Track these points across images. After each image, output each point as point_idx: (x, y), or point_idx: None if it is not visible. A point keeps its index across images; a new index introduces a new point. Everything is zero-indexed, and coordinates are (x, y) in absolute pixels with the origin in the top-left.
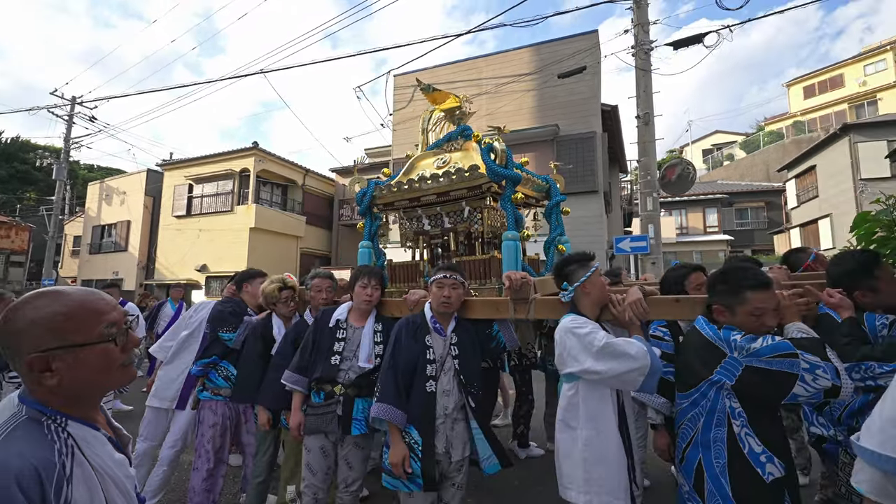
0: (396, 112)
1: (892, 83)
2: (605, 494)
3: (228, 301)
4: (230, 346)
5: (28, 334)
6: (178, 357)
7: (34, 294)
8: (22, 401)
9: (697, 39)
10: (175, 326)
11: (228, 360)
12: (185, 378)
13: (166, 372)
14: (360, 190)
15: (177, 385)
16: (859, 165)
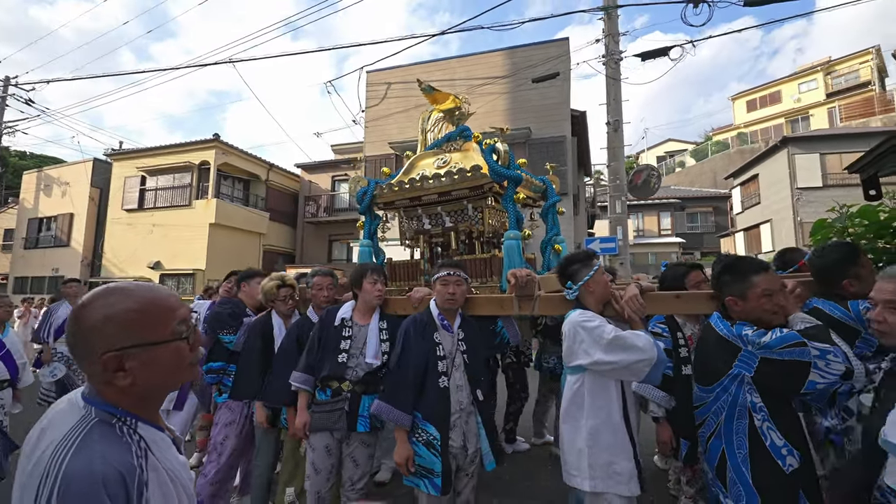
0: (369, 109)
1: (821, 101)
2: (609, 479)
3: (227, 302)
4: (230, 348)
5: (102, 332)
6: None
7: (104, 290)
8: (88, 401)
9: (664, 52)
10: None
11: (234, 363)
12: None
13: None
14: (361, 189)
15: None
16: (796, 175)
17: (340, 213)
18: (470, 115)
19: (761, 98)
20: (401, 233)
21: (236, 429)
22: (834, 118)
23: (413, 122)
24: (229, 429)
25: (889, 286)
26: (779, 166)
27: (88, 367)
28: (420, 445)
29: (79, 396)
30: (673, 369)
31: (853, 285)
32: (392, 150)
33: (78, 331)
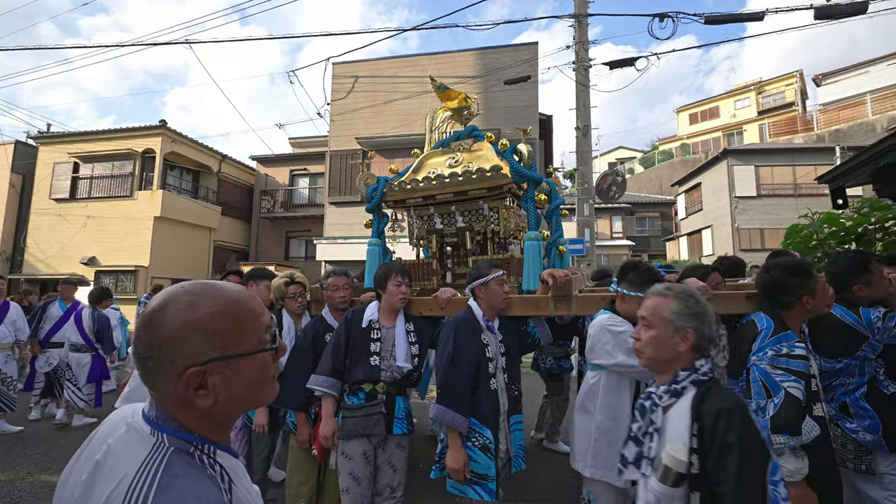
0: (335, 102)
1: (753, 118)
2: (607, 470)
3: None
4: None
5: (184, 342)
6: None
7: (180, 291)
8: (157, 426)
9: (630, 62)
10: None
11: None
12: None
13: None
14: (371, 186)
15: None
16: (734, 185)
17: (299, 209)
18: (478, 114)
19: (702, 112)
20: (410, 232)
21: (241, 435)
22: (764, 134)
23: (381, 118)
24: (235, 433)
25: (646, 302)
26: (719, 176)
27: (163, 385)
28: (476, 450)
29: (140, 420)
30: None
31: (863, 290)
32: (359, 146)
33: (154, 340)
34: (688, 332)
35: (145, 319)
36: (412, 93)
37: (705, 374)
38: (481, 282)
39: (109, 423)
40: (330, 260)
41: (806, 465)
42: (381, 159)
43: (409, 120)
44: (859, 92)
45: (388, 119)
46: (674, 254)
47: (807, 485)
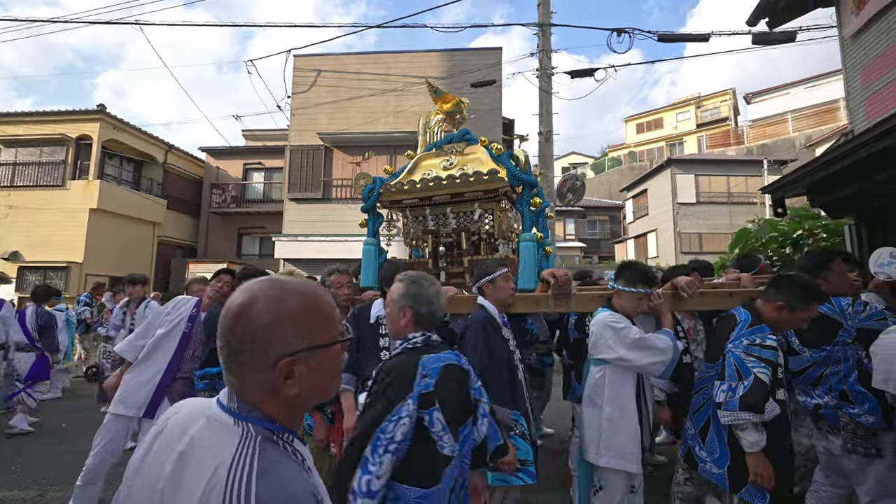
0: (296, 95)
1: (693, 130)
2: (619, 458)
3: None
4: None
5: (279, 334)
6: (151, 358)
7: (265, 285)
8: (240, 417)
9: (590, 72)
10: (148, 323)
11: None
12: (158, 382)
13: (135, 374)
14: (367, 186)
15: (147, 390)
16: (677, 192)
17: (252, 205)
18: (470, 118)
19: (648, 123)
20: (404, 232)
21: None
22: (702, 145)
23: (344, 114)
24: None
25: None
26: (664, 183)
27: (252, 376)
28: (518, 439)
29: (219, 411)
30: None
31: (823, 285)
32: (321, 141)
33: (248, 333)
34: (406, 309)
35: (235, 314)
36: (377, 90)
37: (414, 342)
38: (489, 279)
39: (182, 416)
40: (289, 258)
41: (764, 438)
42: (344, 156)
43: (373, 117)
44: (782, 111)
45: (352, 116)
46: (622, 255)
47: (764, 455)
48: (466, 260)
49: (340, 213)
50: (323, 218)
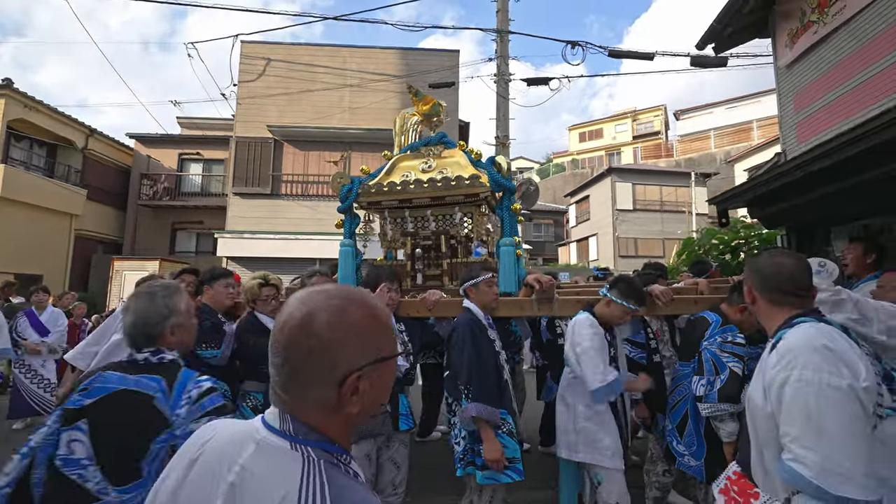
0: (243, 84)
1: (629, 141)
2: (595, 452)
3: (201, 311)
4: (213, 363)
5: (346, 347)
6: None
7: (323, 295)
8: (296, 440)
9: (545, 81)
10: (102, 328)
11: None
12: None
13: None
14: (344, 186)
15: None
16: (616, 199)
17: (189, 198)
18: (447, 121)
19: (590, 132)
20: (382, 234)
21: None
22: (637, 156)
23: (296, 107)
24: None
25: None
26: (604, 190)
27: (314, 394)
28: (505, 437)
29: (269, 434)
30: (646, 359)
31: None
32: (270, 134)
33: (314, 347)
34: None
35: (298, 328)
36: (331, 84)
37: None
38: (472, 283)
39: (221, 442)
40: (234, 256)
41: (738, 427)
42: (295, 150)
43: (327, 112)
44: (706, 128)
45: (304, 109)
46: (565, 258)
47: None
48: (445, 263)
49: (291, 209)
50: (272, 214)
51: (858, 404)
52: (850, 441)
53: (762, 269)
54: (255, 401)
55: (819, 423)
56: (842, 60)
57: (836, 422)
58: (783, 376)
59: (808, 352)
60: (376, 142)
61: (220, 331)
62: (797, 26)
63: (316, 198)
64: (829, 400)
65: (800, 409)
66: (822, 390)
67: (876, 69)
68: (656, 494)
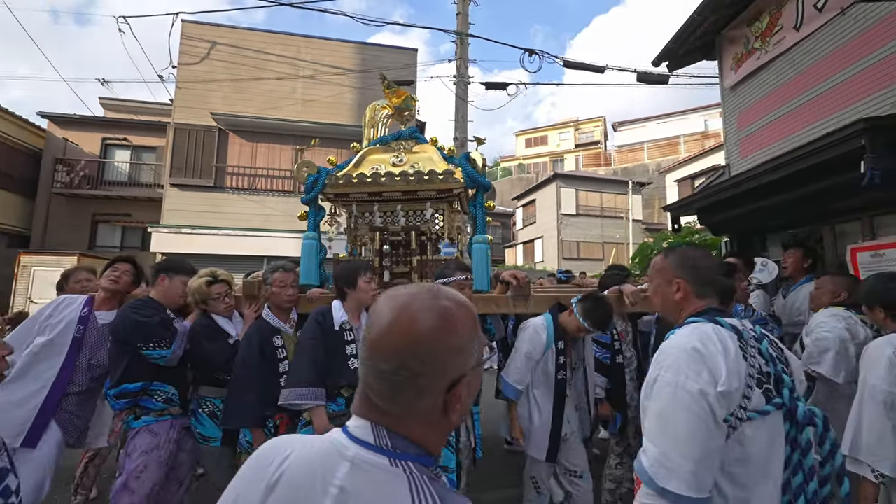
0: (183, 67)
1: (572, 149)
2: (532, 447)
3: (147, 304)
4: (163, 364)
5: (457, 353)
6: (29, 373)
7: (424, 294)
8: (394, 455)
9: (503, 86)
10: (20, 331)
11: (162, 380)
12: (42, 402)
13: (6, 393)
14: (310, 176)
15: (24, 413)
16: (561, 204)
17: (114, 187)
18: (416, 116)
19: (535, 138)
20: (349, 228)
21: (159, 456)
22: (579, 163)
23: (244, 95)
24: (150, 457)
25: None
26: (550, 195)
27: (420, 403)
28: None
29: (363, 451)
30: (610, 359)
31: None
32: (214, 122)
33: (426, 355)
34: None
35: (407, 332)
36: (283, 74)
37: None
38: (442, 282)
39: (304, 462)
40: (169, 252)
41: None
42: (242, 141)
43: (278, 103)
44: (640, 140)
45: (253, 98)
46: (511, 260)
47: None
48: (415, 260)
49: (236, 204)
50: (215, 208)
51: (707, 408)
52: (689, 441)
53: (697, 261)
54: (213, 406)
55: (666, 421)
56: (781, 85)
57: (681, 422)
58: (653, 375)
59: (677, 353)
60: (330, 136)
61: (169, 327)
62: (742, 51)
63: (264, 192)
64: (679, 401)
65: (656, 406)
66: (676, 391)
67: (811, 95)
68: (610, 486)
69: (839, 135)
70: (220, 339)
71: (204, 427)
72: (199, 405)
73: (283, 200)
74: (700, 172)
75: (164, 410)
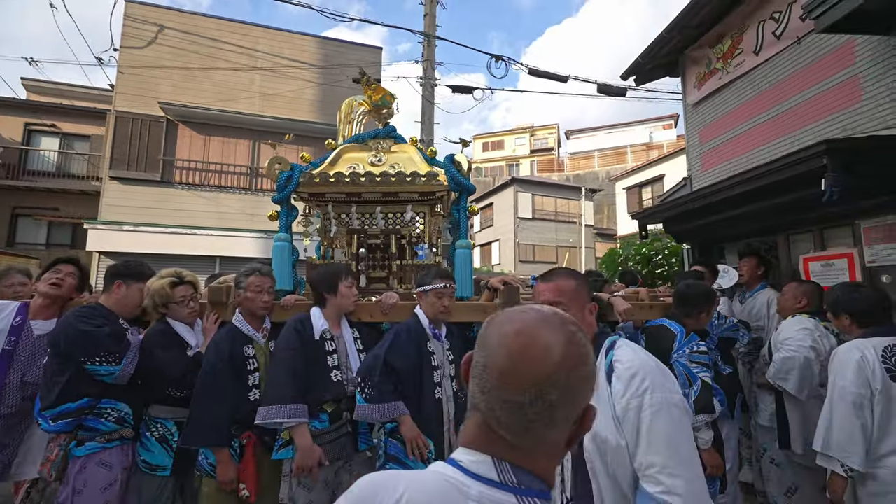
0: (127, 50)
1: (527, 154)
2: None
3: (96, 312)
4: (110, 381)
5: (587, 378)
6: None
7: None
8: (520, 492)
9: (470, 90)
10: None
11: (113, 396)
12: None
13: None
14: (283, 173)
15: None
16: (518, 207)
17: (40, 178)
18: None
19: (492, 143)
20: (323, 229)
21: (117, 490)
22: (533, 168)
23: (196, 85)
24: (108, 494)
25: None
26: (507, 198)
27: (552, 435)
28: (419, 462)
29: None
30: None
31: None
32: (162, 112)
33: (567, 383)
34: None
35: (542, 364)
36: (240, 65)
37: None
38: (421, 289)
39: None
40: (109, 251)
41: (712, 434)
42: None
43: (234, 95)
44: (591, 149)
45: (206, 88)
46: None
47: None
48: (395, 264)
49: (186, 200)
50: (162, 205)
51: (688, 417)
52: (695, 458)
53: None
54: (164, 429)
55: (677, 445)
56: (741, 104)
57: (684, 440)
58: (636, 403)
59: (652, 371)
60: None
61: (121, 340)
62: (705, 71)
63: (217, 188)
64: (675, 419)
65: (660, 434)
66: (670, 411)
67: (769, 115)
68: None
69: (803, 154)
70: (175, 349)
71: (151, 454)
72: (147, 428)
73: (238, 198)
74: (646, 181)
75: (115, 433)
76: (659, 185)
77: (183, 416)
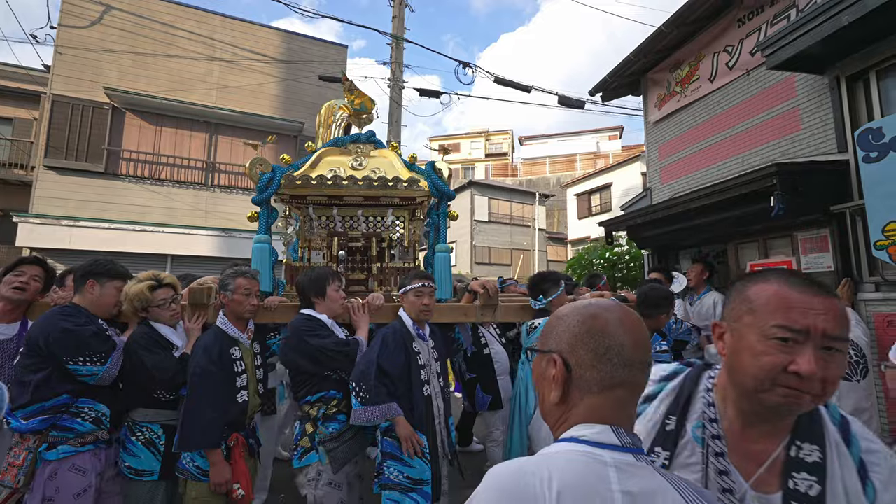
0: (66, 29)
1: (482, 158)
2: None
3: (77, 312)
4: (91, 382)
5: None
6: None
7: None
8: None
9: (437, 94)
10: None
11: (91, 396)
12: None
13: None
14: (265, 175)
15: None
16: (475, 210)
17: None
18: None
19: (450, 145)
20: (303, 231)
21: (90, 499)
22: (488, 172)
23: (147, 71)
24: (82, 500)
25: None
26: (464, 201)
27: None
28: (415, 459)
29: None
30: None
31: None
32: (107, 99)
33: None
34: None
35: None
36: (197, 54)
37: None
38: (402, 291)
39: (577, 481)
40: (43, 248)
41: None
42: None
43: (189, 85)
44: (542, 155)
45: (158, 76)
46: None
47: None
48: (375, 267)
49: (134, 194)
50: (106, 198)
51: None
52: None
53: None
54: (150, 433)
55: None
56: (697, 125)
57: None
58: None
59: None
60: (248, 127)
61: (107, 340)
62: (665, 93)
63: (170, 183)
64: None
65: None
66: None
67: (722, 136)
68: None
69: (756, 174)
70: (161, 351)
71: (137, 459)
72: (132, 432)
73: (192, 193)
74: (596, 189)
75: (90, 434)
76: (607, 192)
77: (169, 419)
